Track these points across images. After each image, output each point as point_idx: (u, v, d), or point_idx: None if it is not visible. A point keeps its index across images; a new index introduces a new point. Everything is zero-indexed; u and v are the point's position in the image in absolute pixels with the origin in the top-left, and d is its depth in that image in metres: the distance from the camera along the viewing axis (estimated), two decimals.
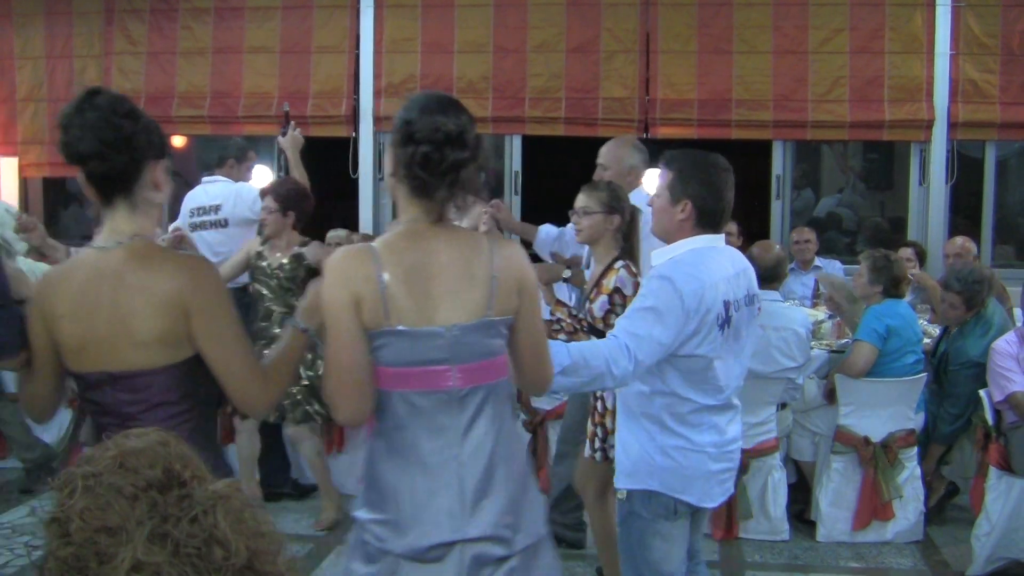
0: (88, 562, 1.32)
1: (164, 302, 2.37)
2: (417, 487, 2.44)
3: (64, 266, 2.56)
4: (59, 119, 2.43)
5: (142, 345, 2.38)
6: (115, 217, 2.47)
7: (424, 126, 2.42)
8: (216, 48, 8.42)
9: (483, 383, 2.48)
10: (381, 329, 2.40)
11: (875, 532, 5.39)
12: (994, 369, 4.89)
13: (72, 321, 2.40)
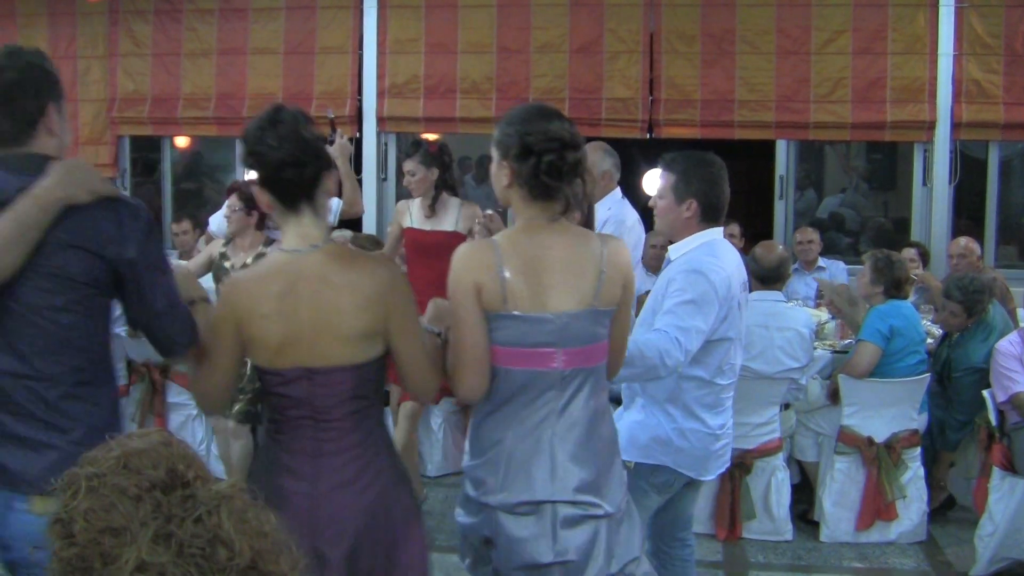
0: (92, 563, 1.32)
1: (369, 300, 2.56)
2: (515, 453, 2.73)
3: (257, 270, 2.72)
4: (249, 133, 2.59)
5: (345, 341, 2.56)
6: (301, 223, 2.63)
7: (542, 136, 2.69)
8: (221, 49, 8.43)
9: (584, 366, 2.76)
10: (498, 313, 2.69)
11: (879, 532, 5.39)
12: (997, 370, 4.89)
13: (275, 320, 2.54)
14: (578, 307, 2.72)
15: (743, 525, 5.39)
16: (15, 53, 2.48)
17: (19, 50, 2.50)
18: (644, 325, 3.47)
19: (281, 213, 2.64)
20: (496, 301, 2.68)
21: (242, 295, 2.59)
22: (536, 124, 2.71)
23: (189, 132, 8.78)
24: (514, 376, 2.73)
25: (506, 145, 2.75)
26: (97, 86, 8.64)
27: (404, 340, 2.64)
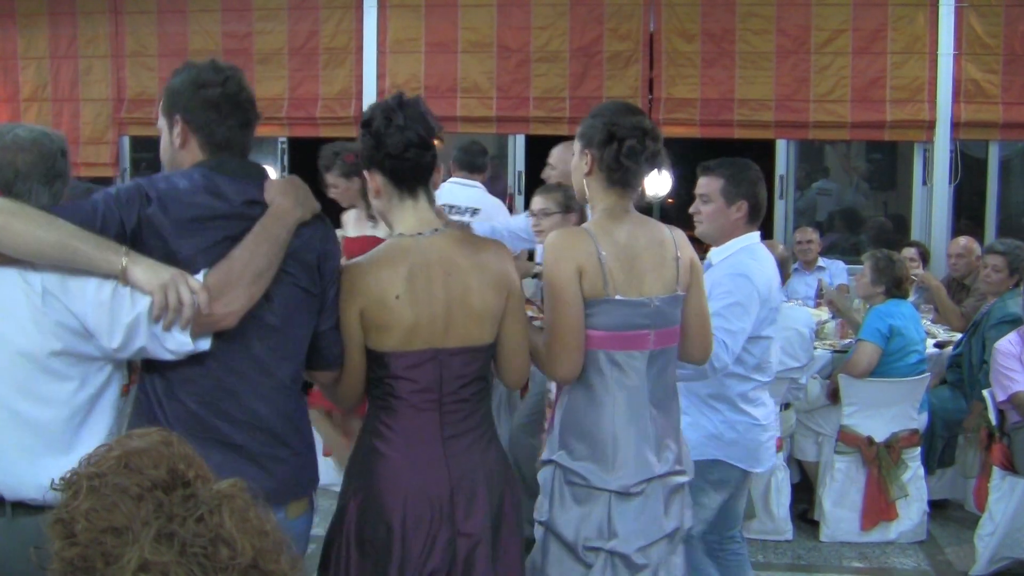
0: (94, 562, 1.33)
1: (496, 281, 2.67)
2: (619, 433, 2.85)
3: (378, 254, 2.66)
4: (374, 115, 2.63)
5: (475, 321, 2.64)
6: (418, 208, 2.69)
7: (626, 124, 2.84)
8: (226, 50, 8.43)
9: (669, 345, 2.97)
10: (600, 298, 2.82)
11: (879, 532, 5.39)
12: (997, 369, 4.89)
13: (407, 303, 2.57)
14: (666, 292, 2.92)
15: (743, 524, 5.38)
16: (222, 67, 2.54)
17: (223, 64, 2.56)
18: None
19: (396, 197, 2.68)
20: (597, 286, 2.81)
21: (371, 281, 2.59)
22: (621, 116, 2.87)
23: None
24: (611, 358, 2.85)
25: (590, 135, 2.89)
26: (98, 86, 8.64)
27: (515, 322, 2.73)
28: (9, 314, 2.22)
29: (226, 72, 2.51)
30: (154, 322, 2.21)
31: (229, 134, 2.49)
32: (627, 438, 2.85)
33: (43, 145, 2.40)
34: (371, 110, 2.66)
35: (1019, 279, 5.67)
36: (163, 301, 2.19)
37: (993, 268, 5.69)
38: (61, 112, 8.73)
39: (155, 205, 2.31)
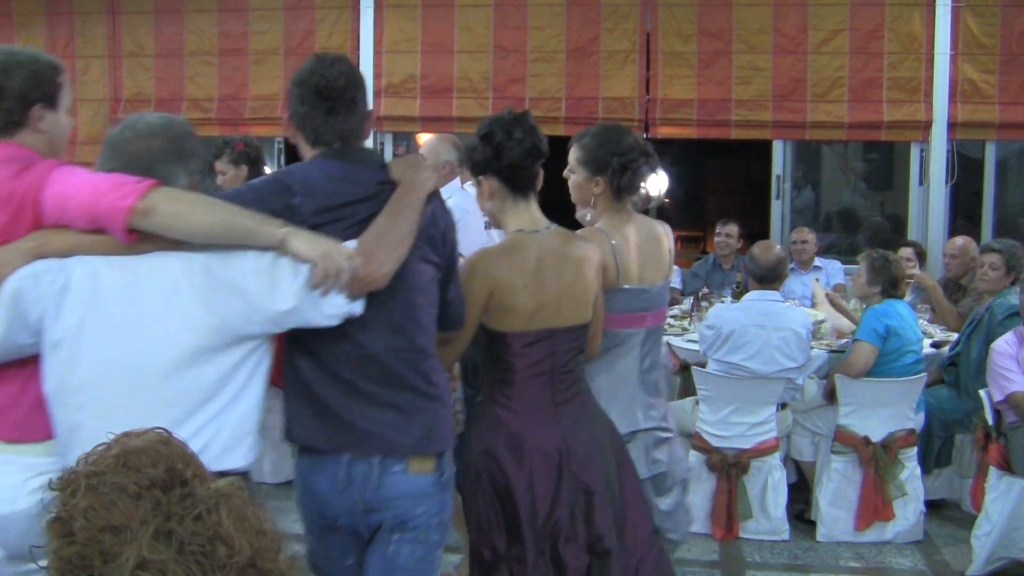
0: (92, 561, 1.33)
1: (596, 270, 3.21)
2: (620, 394, 3.40)
3: (504, 246, 3.12)
4: (495, 128, 3.03)
5: (582, 304, 3.15)
6: (530, 208, 3.15)
7: (631, 153, 3.38)
8: (222, 50, 8.44)
9: (658, 324, 3.57)
10: (613, 287, 3.34)
11: (875, 532, 5.39)
12: (994, 369, 4.89)
13: (531, 290, 3.03)
14: (662, 280, 3.51)
15: (740, 525, 5.39)
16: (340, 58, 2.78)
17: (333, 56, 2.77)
18: None
19: (510, 200, 3.13)
20: (612, 277, 3.32)
21: (501, 268, 3.03)
22: (622, 145, 3.38)
23: None
24: (618, 335, 3.40)
25: (598, 164, 3.39)
26: (96, 86, 8.65)
27: (599, 303, 3.25)
28: (172, 292, 2.33)
29: (316, 67, 2.67)
30: (313, 288, 2.36)
31: (320, 123, 2.64)
32: (627, 398, 3.41)
33: (172, 129, 2.52)
34: (490, 124, 3.05)
35: (1016, 277, 5.68)
36: (324, 268, 2.35)
37: (990, 266, 5.70)
38: None
39: (300, 195, 2.50)
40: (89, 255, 2.32)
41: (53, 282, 2.29)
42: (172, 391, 2.32)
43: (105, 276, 2.32)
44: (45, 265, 2.30)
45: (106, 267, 2.32)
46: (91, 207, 2.29)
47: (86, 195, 2.30)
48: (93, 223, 2.30)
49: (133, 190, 2.28)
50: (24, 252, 2.30)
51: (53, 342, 2.30)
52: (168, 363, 2.32)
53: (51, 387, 2.32)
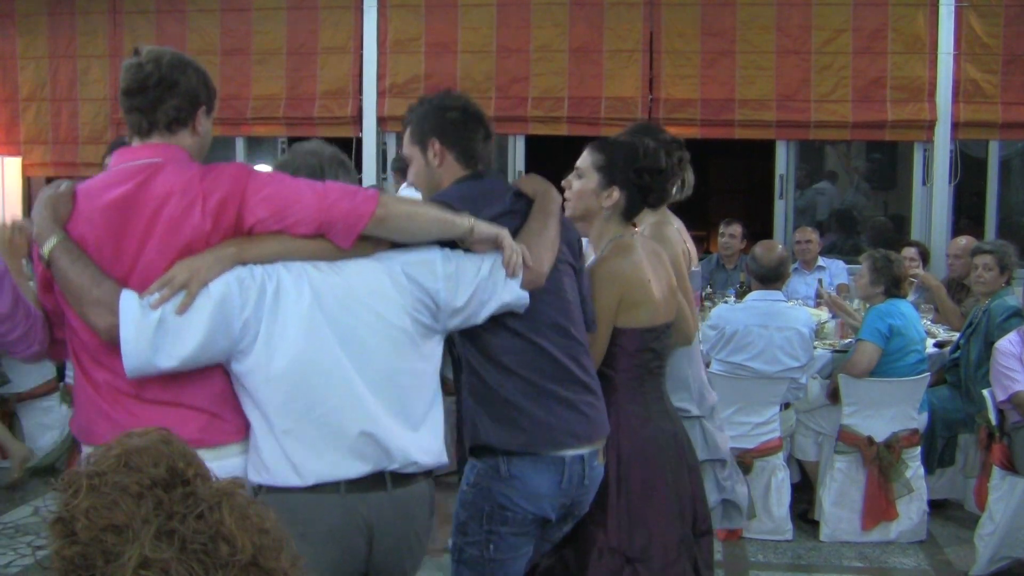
0: (95, 561, 1.33)
1: (675, 268, 3.43)
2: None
3: (619, 248, 3.22)
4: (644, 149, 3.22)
5: (674, 297, 3.34)
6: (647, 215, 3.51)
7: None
8: (224, 50, 8.44)
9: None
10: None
11: (879, 532, 5.39)
12: (997, 369, 4.89)
13: (655, 284, 3.21)
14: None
15: (745, 524, 5.39)
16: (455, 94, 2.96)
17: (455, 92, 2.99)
18: None
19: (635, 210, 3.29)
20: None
21: (627, 268, 3.16)
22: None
23: None
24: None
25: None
26: (97, 85, 8.65)
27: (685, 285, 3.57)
28: (379, 291, 2.46)
29: (461, 97, 2.93)
30: (504, 265, 2.59)
31: (479, 146, 2.88)
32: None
33: (332, 145, 2.74)
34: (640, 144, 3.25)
35: (1010, 276, 5.69)
36: (509, 244, 2.59)
37: (984, 268, 5.70)
38: (60, 112, 8.74)
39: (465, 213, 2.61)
40: (288, 260, 2.39)
41: (263, 288, 2.35)
42: (391, 389, 2.46)
43: (318, 280, 2.39)
44: (248, 271, 2.35)
45: (315, 271, 2.40)
46: (323, 212, 2.37)
47: (312, 201, 2.37)
48: (320, 228, 2.38)
49: (366, 196, 2.41)
50: (225, 258, 2.33)
51: (269, 346, 2.34)
52: (383, 362, 2.44)
53: (268, 393, 2.37)
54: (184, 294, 2.28)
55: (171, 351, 2.28)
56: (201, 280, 2.29)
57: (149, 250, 2.34)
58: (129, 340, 2.26)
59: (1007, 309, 5.49)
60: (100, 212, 2.37)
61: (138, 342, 2.26)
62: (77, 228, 2.37)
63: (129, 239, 2.35)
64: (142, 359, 2.27)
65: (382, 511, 2.44)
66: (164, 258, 2.33)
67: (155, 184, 2.36)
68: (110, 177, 2.43)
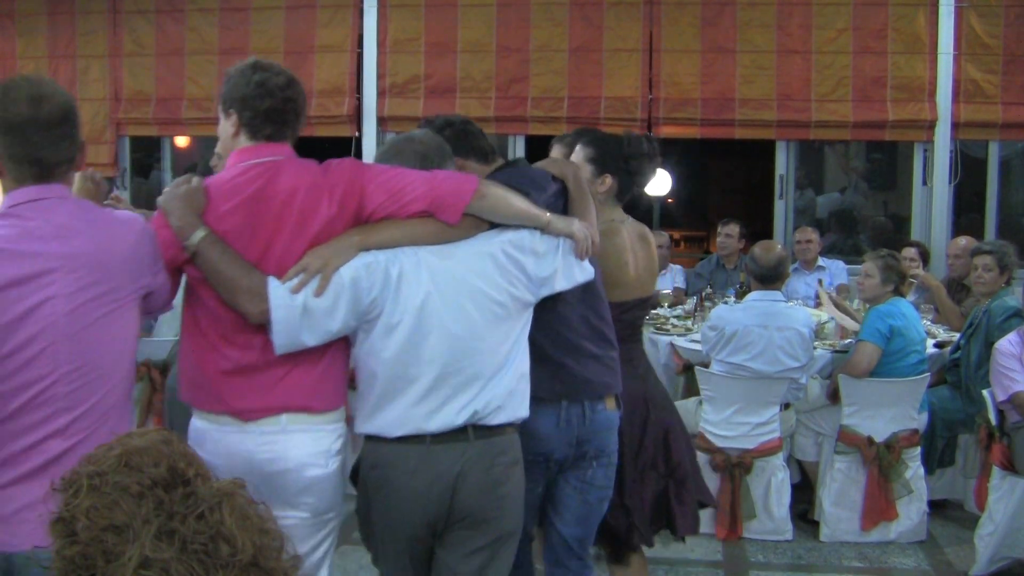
0: (95, 560, 1.33)
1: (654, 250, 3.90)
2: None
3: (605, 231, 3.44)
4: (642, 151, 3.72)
5: (654, 278, 3.93)
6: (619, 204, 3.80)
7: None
8: (222, 50, 8.44)
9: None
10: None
11: (879, 532, 5.38)
12: (997, 369, 4.89)
13: (632, 264, 3.68)
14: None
15: (743, 525, 5.39)
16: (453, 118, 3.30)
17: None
18: None
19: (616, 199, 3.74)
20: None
21: (608, 248, 3.45)
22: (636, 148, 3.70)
23: (192, 132, 8.79)
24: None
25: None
26: (97, 85, 8.65)
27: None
28: (483, 274, 2.77)
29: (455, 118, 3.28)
30: (577, 255, 2.96)
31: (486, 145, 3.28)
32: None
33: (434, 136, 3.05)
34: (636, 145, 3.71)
35: (1010, 276, 5.70)
36: (584, 237, 2.94)
37: (984, 268, 5.70)
38: None
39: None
40: (406, 245, 2.71)
41: (387, 271, 2.67)
42: (494, 353, 2.78)
43: (434, 263, 2.72)
44: (373, 256, 2.68)
45: (429, 255, 2.72)
46: (432, 191, 2.69)
47: (421, 182, 2.70)
48: (430, 206, 2.69)
49: (467, 177, 2.78)
50: (351, 246, 2.67)
51: (390, 324, 2.68)
52: (490, 329, 2.77)
53: (390, 362, 2.70)
54: (319, 279, 2.61)
55: (315, 330, 2.63)
56: (334, 266, 2.63)
57: (283, 239, 2.65)
58: (279, 322, 2.60)
59: (1007, 309, 5.49)
60: (235, 206, 2.65)
61: (288, 323, 2.60)
62: (214, 221, 2.63)
63: (261, 230, 2.65)
64: (291, 338, 2.62)
65: (465, 458, 2.74)
66: (297, 246, 2.65)
67: (281, 180, 2.68)
68: (239, 173, 2.70)
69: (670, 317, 6.83)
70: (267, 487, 2.55)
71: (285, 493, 2.67)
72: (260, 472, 2.62)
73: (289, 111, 2.77)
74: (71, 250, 2.37)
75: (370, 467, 2.78)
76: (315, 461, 2.71)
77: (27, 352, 2.31)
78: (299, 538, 2.65)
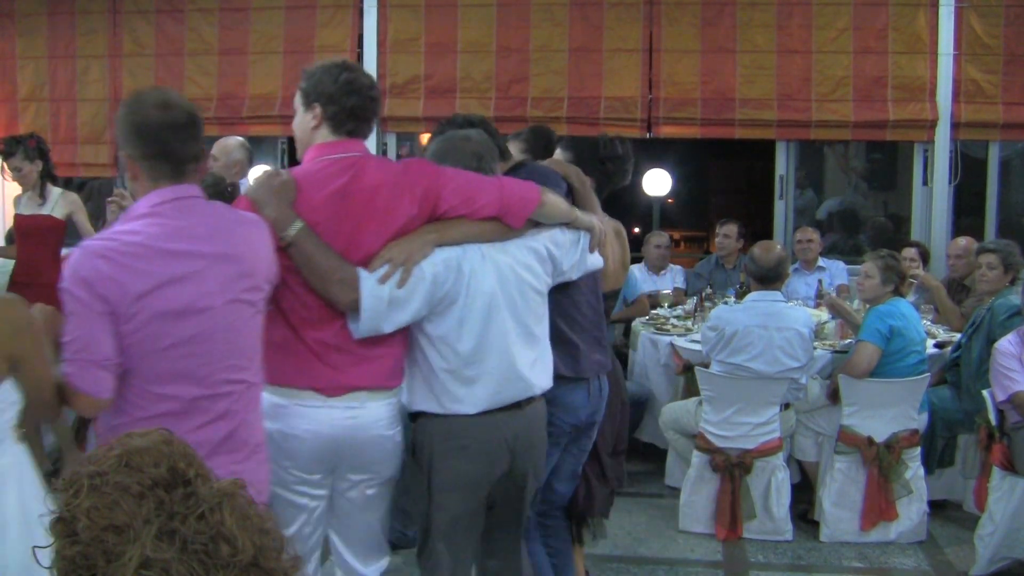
0: (96, 560, 1.33)
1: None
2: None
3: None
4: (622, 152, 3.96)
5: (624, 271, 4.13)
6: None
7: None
8: (222, 50, 8.44)
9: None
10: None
11: (879, 532, 5.38)
12: (997, 369, 4.89)
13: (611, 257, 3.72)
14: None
15: (743, 525, 5.39)
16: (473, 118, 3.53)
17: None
18: None
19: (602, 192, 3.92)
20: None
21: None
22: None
23: None
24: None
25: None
26: (96, 85, 8.64)
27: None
28: (529, 267, 3.10)
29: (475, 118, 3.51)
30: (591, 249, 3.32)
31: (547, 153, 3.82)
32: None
33: (486, 134, 3.32)
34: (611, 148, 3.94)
35: (1015, 275, 5.70)
36: (600, 231, 3.33)
37: (988, 267, 5.71)
38: (59, 112, 8.73)
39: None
40: (473, 242, 3.00)
41: (460, 267, 2.96)
42: (535, 335, 3.15)
43: (498, 258, 3.03)
44: (449, 252, 2.96)
45: (492, 251, 3.03)
46: (503, 199, 3.00)
47: (494, 190, 3.00)
48: (499, 212, 3.00)
49: (531, 186, 3.09)
50: (430, 241, 2.94)
51: (463, 316, 2.98)
52: (532, 315, 3.13)
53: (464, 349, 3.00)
54: (401, 271, 2.87)
55: (395, 319, 2.90)
56: (415, 260, 2.89)
57: (368, 233, 2.88)
58: (367, 310, 2.84)
59: (1010, 308, 5.49)
60: (324, 200, 2.86)
61: (375, 312, 2.85)
62: (304, 213, 2.83)
63: (346, 223, 2.87)
64: (374, 325, 2.87)
65: (519, 427, 3.12)
66: (380, 240, 2.89)
67: (366, 176, 2.91)
68: (323, 167, 2.91)
69: (670, 317, 6.84)
70: (347, 455, 2.94)
71: (362, 459, 2.98)
72: (341, 441, 2.92)
73: (371, 110, 2.99)
74: (221, 248, 2.59)
75: (443, 439, 3.06)
76: (388, 431, 3.00)
77: (186, 348, 2.52)
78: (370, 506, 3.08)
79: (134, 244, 2.48)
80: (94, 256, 2.46)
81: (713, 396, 5.37)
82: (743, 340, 5.26)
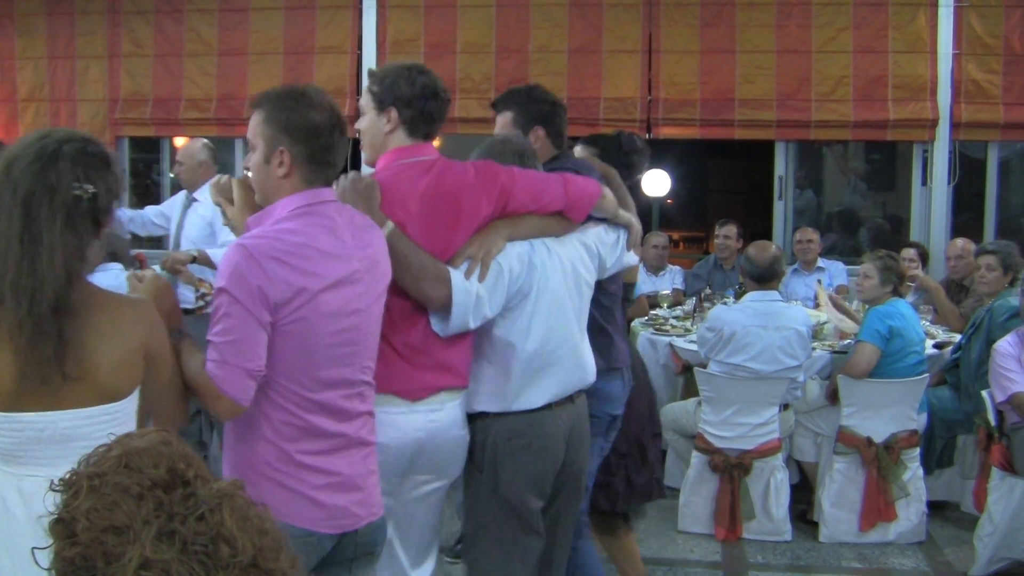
0: (95, 561, 1.33)
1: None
2: None
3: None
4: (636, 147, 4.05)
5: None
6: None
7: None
8: (221, 50, 8.43)
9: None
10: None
11: (878, 533, 5.39)
12: (996, 370, 4.89)
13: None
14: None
15: (742, 525, 5.39)
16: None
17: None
18: None
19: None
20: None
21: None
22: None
23: (190, 133, 8.75)
24: None
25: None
26: (96, 86, 8.64)
27: None
28: (583, 261, 3.21)
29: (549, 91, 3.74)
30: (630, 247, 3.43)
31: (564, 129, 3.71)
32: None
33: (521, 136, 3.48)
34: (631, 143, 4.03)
35: (1014, 276, 5.70)
36: (638, 229, 3.43)
37: (987, 268, 5.72)
38: (58, 112, 8.73)
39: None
40: (539, 237, 3.08)
41: (531, 261, 3.04)
42: (583, 330, 3.23)
43: (561, 255, 3.13)
44: (521, 247, 3.03)
45: (555, 245, 3.13)
46: (569, 195, 3.10)
47: (559, 187, 3.09)
48: (565, 207, 3.10)
49: (592, 182, 3.24)
50: (503, 236, 3.00)
51: (535, 310, 3.04)
52: (583, 308, 3.24)
53: (536, 344, 3.05)
54: (481, 266, 2.93)
55: (478, 314, 2.93)
56: (493, 255, 2.95)
57: (452, 233, 2.93)
58: (459, 305, 2.87)
59: (1009, 309, 5.49)
60: (411, 201, 2.90)
61: (464, 308, 2.88)
62: (391, 215, 2.86)
63: (432, 223, 2.92)
64: (464, 321, 2.90)
65: (573, 420, 3.19)
66: (462, 239, 2.96)
67: (446, 179, 2.95)
68: (403, 169, 2.95)
69: (669, 318, 6.84)
70: (423, 458, 2.93)
71: (436, 460, 2.98)
72: (423, 445, 2.91)
73: (444, 113, 3.03)
74: (368, 251, 2.63)
75: (507, 438, 3.07)
76: (463, 431, 3.04)
77: (343, 349, 2.53)
78: (432, 507, 3.08)
79: (297, 244, 2.45)
80: (267, 258, 2.40)
81: (712, 396, 5.37)
82: (742, 340, 5.26)
